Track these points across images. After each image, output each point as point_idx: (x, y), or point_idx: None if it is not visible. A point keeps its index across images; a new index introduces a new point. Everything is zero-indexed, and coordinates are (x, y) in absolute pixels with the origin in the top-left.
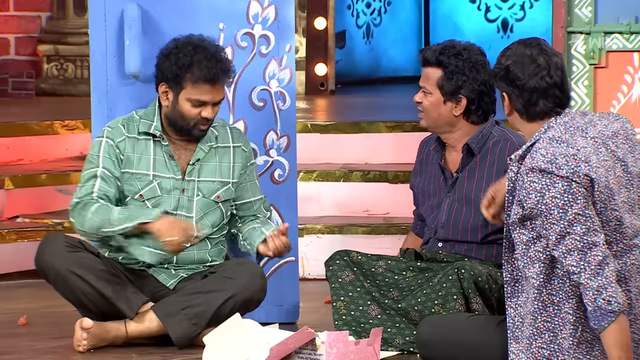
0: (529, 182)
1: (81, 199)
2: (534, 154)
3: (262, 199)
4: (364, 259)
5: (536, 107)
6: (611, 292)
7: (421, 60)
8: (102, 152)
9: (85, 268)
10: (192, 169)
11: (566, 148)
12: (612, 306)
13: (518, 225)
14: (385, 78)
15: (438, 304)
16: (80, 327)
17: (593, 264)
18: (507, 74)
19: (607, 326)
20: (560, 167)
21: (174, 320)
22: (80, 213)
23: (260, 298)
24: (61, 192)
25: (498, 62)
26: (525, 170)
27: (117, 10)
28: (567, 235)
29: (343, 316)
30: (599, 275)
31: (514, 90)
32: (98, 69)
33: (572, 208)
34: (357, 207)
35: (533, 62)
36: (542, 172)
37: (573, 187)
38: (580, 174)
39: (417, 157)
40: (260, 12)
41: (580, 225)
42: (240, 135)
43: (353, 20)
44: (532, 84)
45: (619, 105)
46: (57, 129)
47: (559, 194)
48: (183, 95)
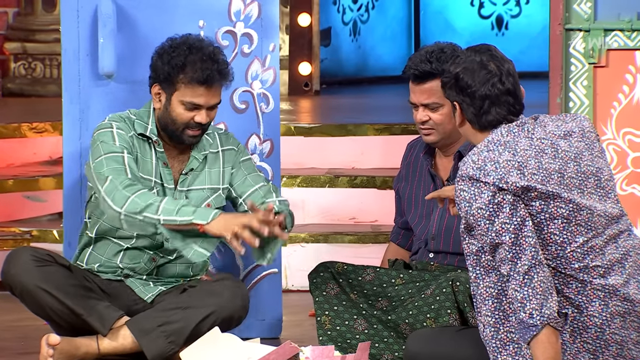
0: (459, 190)
1: (117, 179)
2: (466, 159)
3: (264, 185)
4: (349, 269)
5: (488, 115)
6: (534, 305)
7: (415, 77)
8: (118, 140)
9: (54, 283)
10: (185, 178)
11: (500, 153)
12: (534, 320)
13: (467, 235)
14: (373, 78)
15: (430, 317)
16: (47, 343)
17: (521, 273)
18: (457, 82)
19: (530, 339)
20: (488, 173)
21: (149, 337)
22: (120, 191)
23: (241, 316)
24: (29, 198)
25: (447, 71)
26: (457, 178)
27: (91, 6)
28: (498, 245)
29: (328, 331)
30: (525, 286)
31: (465, 98)
32: (70, 69)
33: (498, 218)
34: (343, 215)
35: (483, 68)
36: (471, 179)
37: (497, 197)
38: (509, 181)
39: (404, 161)
40: (242, 9)
41: (508, 235)
42: (227, 137)
43: (339, 16)
44: (483, 92)
45: (620, 107)
46: (24, 132)
47: (484, 204)
48: (176, 97)
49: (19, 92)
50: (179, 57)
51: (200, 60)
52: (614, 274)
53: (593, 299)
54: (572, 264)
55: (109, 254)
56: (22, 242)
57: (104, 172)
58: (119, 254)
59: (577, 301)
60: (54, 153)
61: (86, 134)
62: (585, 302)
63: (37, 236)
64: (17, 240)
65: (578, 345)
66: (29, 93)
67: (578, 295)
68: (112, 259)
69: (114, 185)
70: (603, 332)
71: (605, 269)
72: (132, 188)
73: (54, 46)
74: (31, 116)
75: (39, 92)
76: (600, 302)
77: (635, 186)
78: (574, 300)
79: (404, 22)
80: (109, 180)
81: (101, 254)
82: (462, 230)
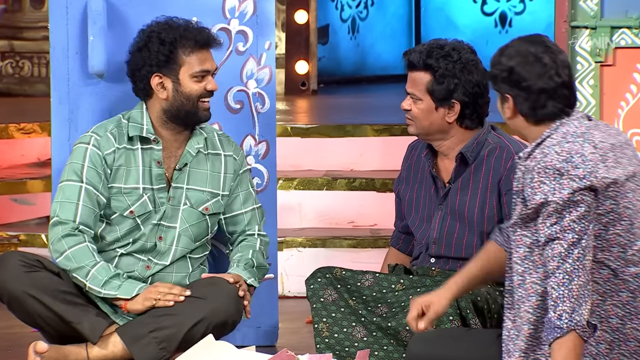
0: (539, 182)
1: (62, 222)
2: (545, 149)
3: (254, 209)
4: (348, 274)
5: (545, 109)
6: (566, 307)
7: (406, 64)
8: (87, 162)
9: (43, 290)
10: (179, 174)
11: (582, 145)
12: (562, 322)
13: (521, 226)
14: (372, 77)
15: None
16: (34, 351)
17: (564, 272)
18: (511, 75)
19: (553, 340)
20: (577, 166)
21: (140, 344)
22: (59, 240)
23: (235, 321)
24: (17, 201)
25: (498, 62)
26: (537, 169)
27: (80, 3)
28: (556, 239)
29: (326, 339)
30: (563, 286)
31: (520, 92)
32: (59, 67)
33: (570, 215)
34: (341, 218)
35: (539, 61)
36: (556, 172)
37: (577, 195)
38: (599, 176)
39: (405, 162)
40: (237, 5)
41: (572, 234)
42: (229, 142)
43: (337, 13)
44: (540, 85)
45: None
46: (12, 133)
47: (562, 199)
48: (184, 73)
49: (6, 92)
50: (169, 34)
51: (189, 27)
52: None
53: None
54: (630, 268)
55: (104, 259)
56: (10, 246)
57: (56, 206)
58: (113, 260)
59: (623, 311)
60: (42, 154)
61: (75, 135)
62: (632, 313)
63: (25, 240)
64: (4, 244)
65: (614, 357)
66: (16, 92)
67: (626, 306)
68: None
69: (56, 232)
70: None
71: None
72: (71, 240)
73: (42, 44)
74: (19, 116)
75: (26, 91)
76: None
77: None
78: (620, 310)
79: (404, 19)
80: (53, 222)
81: None
82: (515, 221)
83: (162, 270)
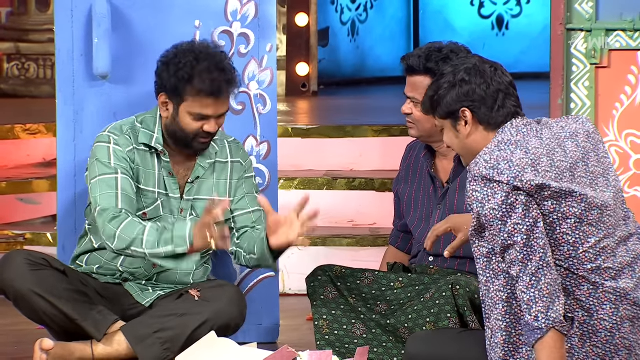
0: (472, 191)
1: (105, 209)
2: (477, 159)
3: (258, 210)
4: (348, 272)
5: (504, 108)
6: (540, 307)
7: (405, 69)
8: (113, 156)
9: (48, 288)
10: (191, 187)
11: (512, 152)
12: (540, 322)
13: (477, 237)
14: (372, 78)
15: (430, 321)
16: (40, 348)
17: (529, 275)
18: (464, 85)
19: (535, 342)
20: (502, 172)
21: (144, 344)
22: (108, 226)
23: (238, 323)
24: (23, 201)
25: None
26: (469, 178)
27: (85, 6)
28: (509, 247)
29: (326, 336)
30: (532, 288)
31: (476, 99)
32: (64, 69)
33: (511, 218)
34: (341, 218)
35: (482, 69)
36: (484, 179)
37: (511, 197)
38: (524, 180)
39: (403, 162)
40: (239, 8)
41: (520, 236)
42: (238, 148)
43: (337, 16)
44: (495, 87)
45: (622, 108)
46: (18, 134)
47: (497, 205)
48: (184, 108)
49: (12, 93)
50: (185, 69)
51: (208, 70)
52: (624, 277)
53: (604, 302)
54: (585, 265)
55: (110, 257)
56: (16, 245)
57: (97, 199)
58: (119, 257)
59: (587, 304)
60: (47, 155)
61: (80, 136)
62: (596, 305)
63: (31, 239)
64: (11, 243)
65: (587, 350)
66: (22, 94)
67: (589, 298)
68: (112, 262)
69: (103, 219)
70: (613, 336)
71: (616, 271)
72: (117, 221)
73: (47, 46)
74: (25, 117)
75: (32, 93)
76: (611, 305)
77: (637, 188)
78: (584, 303)
79: (403, 22)
80: (98, 212)
81: (102, 256)
82: (471, 233)
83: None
